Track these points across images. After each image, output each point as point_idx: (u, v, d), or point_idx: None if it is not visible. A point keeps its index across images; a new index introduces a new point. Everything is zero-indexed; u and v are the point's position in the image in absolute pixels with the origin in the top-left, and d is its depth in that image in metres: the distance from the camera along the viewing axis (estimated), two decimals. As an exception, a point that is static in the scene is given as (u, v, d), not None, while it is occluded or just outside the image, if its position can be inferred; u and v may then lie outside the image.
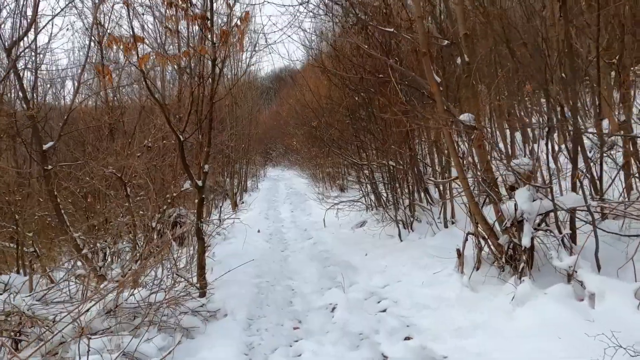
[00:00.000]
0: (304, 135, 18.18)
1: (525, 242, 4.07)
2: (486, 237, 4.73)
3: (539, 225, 4.37)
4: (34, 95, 7.65)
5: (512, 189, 4.66)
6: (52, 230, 8.36)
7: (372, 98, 7.39)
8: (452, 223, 7.36)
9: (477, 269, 4.87)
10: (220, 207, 13.53)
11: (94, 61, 10.36)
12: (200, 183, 5.52)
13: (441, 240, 6.66)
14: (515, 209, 4.22)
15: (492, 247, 4.73)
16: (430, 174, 8.98)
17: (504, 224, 4.40)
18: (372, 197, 9.53)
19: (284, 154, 32.37)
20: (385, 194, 9.02)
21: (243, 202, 16.78)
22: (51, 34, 8.22)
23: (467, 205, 4.98)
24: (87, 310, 4.16)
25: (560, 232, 4.11)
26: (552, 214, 4.39)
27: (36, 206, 7.73)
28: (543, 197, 4.42)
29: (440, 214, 7.67)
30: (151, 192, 7.06)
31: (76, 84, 8.60)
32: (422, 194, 8.43)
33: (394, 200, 7.60)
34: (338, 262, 6.96)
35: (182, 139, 5.26)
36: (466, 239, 4.98)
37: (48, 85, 9.91)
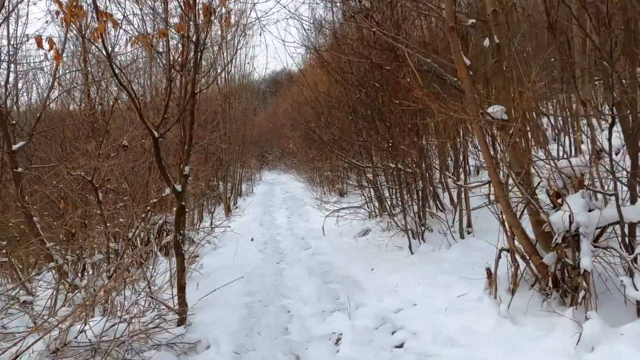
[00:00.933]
0: (301, 137, 17.29)
1: (586, 263, 3.16)
2: (526, 254, 3.81)
3: (595, 241, 3.46)
4: (6, 90, 6.74)
5: (557, 195, 3.75)
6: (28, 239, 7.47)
7: (378, 93, 6.48)
8: (468, 233, 6.45)
9: (513, 293, 3.96)
10: (212, 212, 12.58)
11: (72, 52, 9.44)
12: (179, 188, 4.58)
13: (458, 254, 5.75)
14: (570, 221, 3.31)
15: (533, 266, 3.82)
16: (439, 177, 8.08)
17: (553, 239, 3.48)
18: (376, 203, 8.61)
19: (280, 157, 31.44)
20: (390, 200, 8.11)
21: (237, 207, 15.83)
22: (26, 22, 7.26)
23: (500, 216, 4.06)
24: (27, 349, 3.22)
25: (629, 251, 3.20)
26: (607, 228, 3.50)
27: (13, 212, 6.85)
28: (599, 206, 3.52)
29: (453, 222, 6.77)
30: (128, 198, 6.12)
31: (50, 78, 7.63)
32: (432, 200, 7.53)
33: (402, 206, 6.67)
34: (340, 277, 6.03)
35: (156, 136, 4.32)
36: (499, 256, 4.06)
37: (21, 80, 8.97)
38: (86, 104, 8.69)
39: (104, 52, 3.75)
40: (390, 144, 6.22)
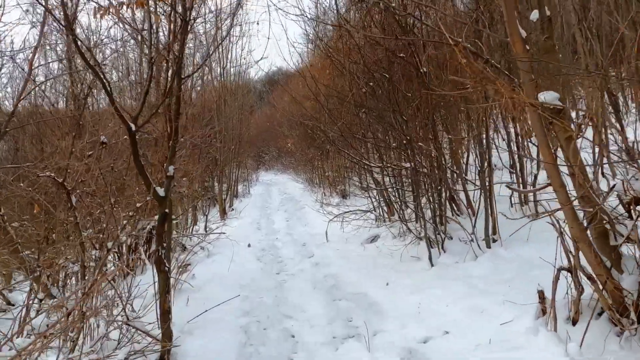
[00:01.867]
0: (300, 136, 16.46)
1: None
2: (595, 276, 3.00)
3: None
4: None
5: (637, 202, 2.94)
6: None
7: (393, 83, 5.66)
8: (494, 241, 5.64)
9: (574, 323, 3.15)
10: (207, 215, 11.72)
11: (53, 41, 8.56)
12: (161, 192, 3.74)
13: (488, 268, 4.94)
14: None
15: (602, 291, 3.01)
16: (455, 179, 7.27)
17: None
18: (385, 206, 7.80)
19: (277, 157, 30.60)
20: (399, 202, 7.30)
21: (233, 209, 14.97)
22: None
23: (558, 227, 3.24)
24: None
25: None
26: None
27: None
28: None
29: (474, 228, 5.96)
30: (107, 201, 5.27)
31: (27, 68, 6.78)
32: (448, 204, 6.72)
33: (420, 211, 5.86)
34: (351, 294, 5.21)
35: (133, 129, 3.48)
36: (557, 276, 3.25)
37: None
38: (69, 98, 7.85)
39: (62, 21, 2.91)
40: (407, 140, 5.39)
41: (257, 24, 14.16)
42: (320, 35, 7.72)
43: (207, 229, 11.80)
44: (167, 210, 3.79)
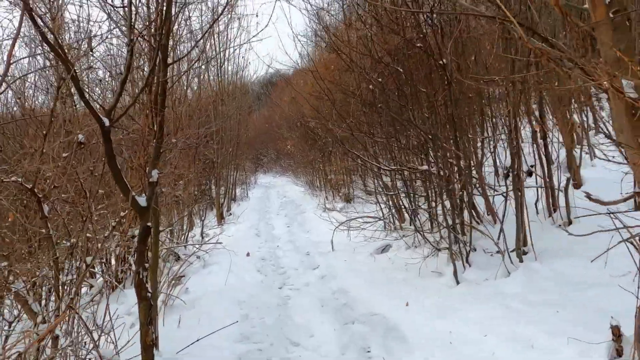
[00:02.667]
0: (300, 137, 15.78)
1: None
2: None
3: None
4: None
5: None
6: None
7: (411, 73, 4.98)
8: (525, 254, 4.96)
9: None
10: (203, 220, 11.01)
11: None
12: (142, 201, 3.04)
13: (525, 287, 4.25)
14: None
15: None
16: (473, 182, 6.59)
17: None
18: (397, 212, 7.12)
19: (275, 159, 29.91)
20: (411, 209, 6.63)
21: (230, 214, 14.27)
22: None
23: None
24: None
25: None
26: None
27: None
28: None
29: (499, 238, 5.29)
30: (86, 211, 4.57)
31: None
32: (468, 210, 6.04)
33: (435, 219, 5.18)
34: (365, 315, 4.52)
35: (106, 124, 2.79)
36: None
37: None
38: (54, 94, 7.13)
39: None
40: (431, 139, 4.71)
41: (257, 15, 13.45)
42: (325, 26, 7.03)
43: (204, 235, 11.11)
44: (149, 224, 3.09)
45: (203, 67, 12.38)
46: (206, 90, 12.33)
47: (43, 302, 4.36)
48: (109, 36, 4.31)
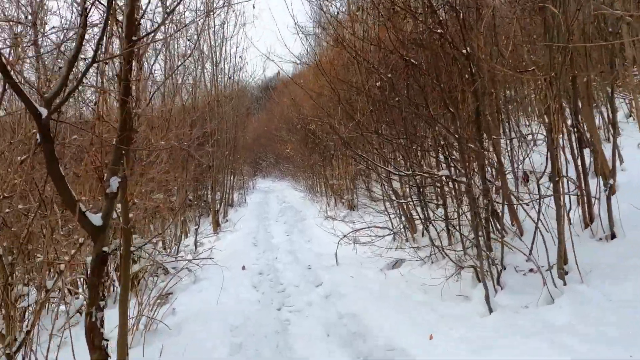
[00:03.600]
0: (299, 140, 15.04)
1: None
2: None
3: None
4: None
5: None
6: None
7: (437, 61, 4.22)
8: (566, 273, 4.20)
9: None
10: (197, 229, 10.22)
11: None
12: (97, 219, 2.28)
13: (574, 314, 3.49)
14: None
15: None
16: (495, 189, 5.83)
17: None
18: (408, 222, 6.36)
19: (275, 163, 29.14)
20: (427, 219, 5.87)
21: (227, 220, 13.48)
22: None
23: None
24: None
25: None
26: None
27: None
28: None
29: (530, 252, 4.53)
30: (47, 226, 3.80)
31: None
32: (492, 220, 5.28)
33: (474, 232, 4.42)
34: (381, 349, 3.75)
35: (43, 116, 2.03)
36: None
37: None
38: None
39: None
40: (457, 140, 3.95)
41: (254, 7, 12.67)
42: (331, 16, 6.28)
43: (198, 244, 10.32)
44: (106, 249, 2.32)
45: (199, 68, 11.67)
46: (201, 90, 11.59)
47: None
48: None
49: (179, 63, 7.97)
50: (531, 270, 4.59)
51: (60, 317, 5.51)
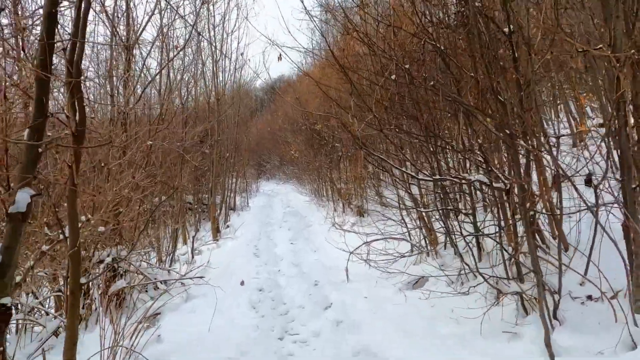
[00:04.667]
0: (304, 142, 14.19)
1: None
2: None
3: None
4: None
5: None
6: None
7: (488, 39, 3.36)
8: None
9: None
10: (194, 236, 9.39)
11: None
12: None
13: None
14: None
15: None
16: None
17: None
18: (434, 233, 5.49)
19: (279, 166, 28.32)
20: (448, 227, 5.00)
21: (228, 226, 12.63)
22: None
23: None
24: None
25: None
26: None
27: None
28: None
29: (585, 273, 3.66)
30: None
31: None
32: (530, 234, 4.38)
33: (543, 250, 3.55)
34: (411, 405, 2.88)
35: None
36: None
37: None
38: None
39: None
40: (507, 136, 3.07)
41: (254, -1, 11.88)
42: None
43: (195, 252, 9.48)
44: (5, 303, 1.46)
45: (200, 65, 10.86)
46: (200, 88, 10.78)
47: None
48: None
49: (174, 54, 7.14)
50: (590, 297, 3.71)
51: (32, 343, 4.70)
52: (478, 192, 5.15)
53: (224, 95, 11.64)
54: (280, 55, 4.06)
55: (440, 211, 4.95)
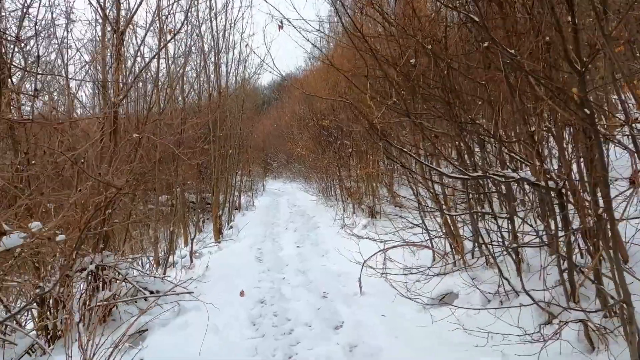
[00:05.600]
0: (312, 138, 13.44)
1: None
2: None
3: None
4: None
5: None
6: None
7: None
8: None
9: None
10: (192, 239, 8.66)
11: None
12: None
13: None
14: None
15: None
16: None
17: None
18: (460, 239, 4.70)
19: (285, 164, 27.60)
20: (484, 236, 4.22)
21: (231, 227, 11.91)
22: None
23: None
24: None
25: None
26: None
27: None
28: None
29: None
30: None
31: None
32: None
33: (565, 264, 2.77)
34: None
35: None
36: None
37: None
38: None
39: None
40: (587, 117, 2.29)
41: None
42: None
43: (194, 257, 8.76)
44: None
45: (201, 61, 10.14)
46: (201, 80, 10.06)
47: None
48: None
49: (169, 38, 6.42)
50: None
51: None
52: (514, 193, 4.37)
53: (227, 88, 10.90)
54: (281, 22, 3.29)
55: (474, 215, 4.16)
